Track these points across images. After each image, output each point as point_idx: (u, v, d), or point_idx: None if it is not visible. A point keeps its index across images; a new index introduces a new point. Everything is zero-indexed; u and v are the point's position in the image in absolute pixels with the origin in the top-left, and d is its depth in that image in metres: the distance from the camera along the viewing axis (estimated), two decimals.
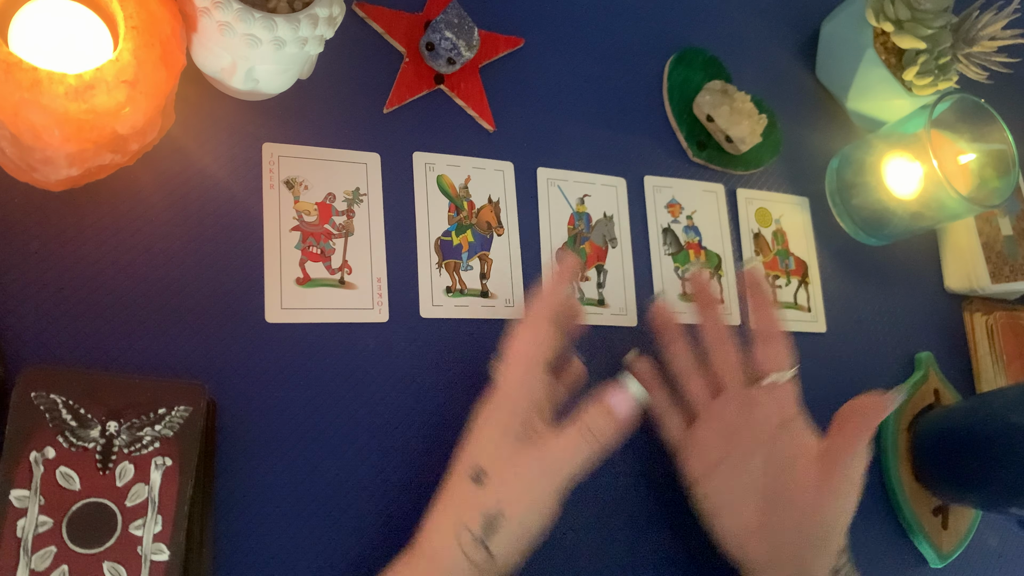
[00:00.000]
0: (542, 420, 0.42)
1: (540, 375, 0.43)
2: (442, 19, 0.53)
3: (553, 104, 0.60)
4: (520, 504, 0.39)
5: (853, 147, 0.68)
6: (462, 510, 0.40)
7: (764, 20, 0.72)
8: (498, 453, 0.41)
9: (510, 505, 0.39)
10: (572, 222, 0.57)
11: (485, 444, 0.42)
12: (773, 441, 0.48)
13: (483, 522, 0.39)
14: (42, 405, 0.37)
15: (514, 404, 0.42)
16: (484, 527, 0.39)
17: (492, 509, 0.39)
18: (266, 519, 0.44)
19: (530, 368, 0.43)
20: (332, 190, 0.50)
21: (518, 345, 0.44)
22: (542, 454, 0.40)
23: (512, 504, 0.39)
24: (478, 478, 0.41)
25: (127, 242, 0.45)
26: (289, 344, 0.47)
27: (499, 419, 0.42)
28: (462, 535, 0.39)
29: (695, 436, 0.50)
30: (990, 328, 0.70)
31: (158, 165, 0.46)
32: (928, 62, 0.65)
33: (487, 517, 0.39)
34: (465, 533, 0.39)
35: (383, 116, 0.53)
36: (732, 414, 0.49)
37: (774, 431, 0.49)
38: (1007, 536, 0.68)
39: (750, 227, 0.64)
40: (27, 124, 0.36)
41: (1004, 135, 0.63)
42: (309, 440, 0.46)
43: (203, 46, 0.44)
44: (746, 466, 0.48)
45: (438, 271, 0.52)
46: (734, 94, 0.62)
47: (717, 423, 0.50)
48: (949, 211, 0.62)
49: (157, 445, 0.38)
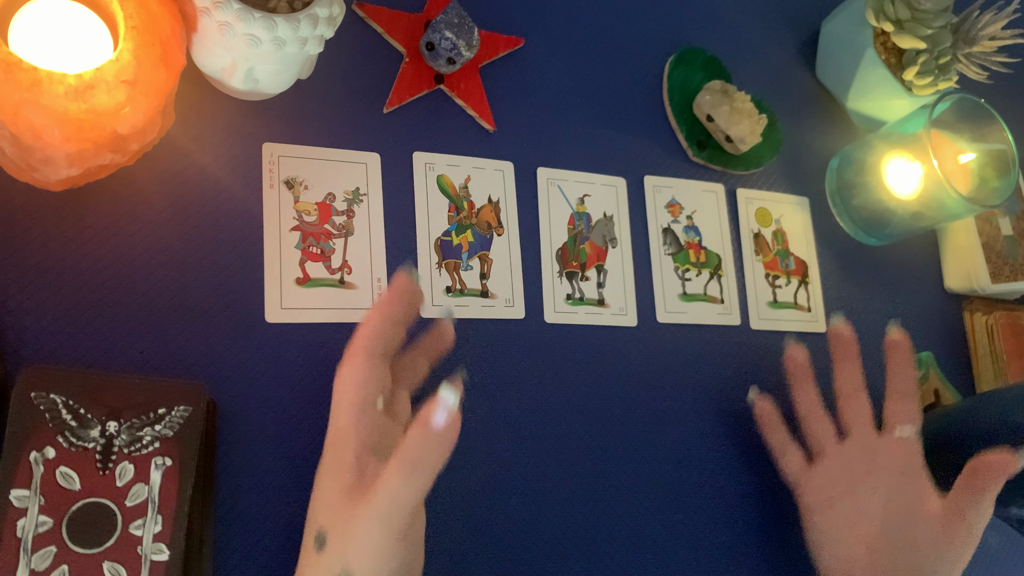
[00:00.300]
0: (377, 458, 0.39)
1: (368, 415, 0.40)
2: (442, 19, 0.53)
3: (553, 104, 0.60)
4: (365, 557, 0.36)
5: (853, 147, 0.68)
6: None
7: (764, 20, 0.72)
8: (333, 511, 0.38)
9: (356, 561, 0.36)
10: (572, 222, 0.57)
11: (321, 505, 0.40)
12: (897, 485, 0.51)
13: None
14: (42, 405, 0.37)
15: (343, 454, 0.39)
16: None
17: (337, 571, 0.37)
18: (266, 519, 0.44)
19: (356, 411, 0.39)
20: (332, 190, 0.50)
21: (340, 387, 0.40)
22: (370, 500, 0.37)
23: (357, 560, 0.37)
24: (320, 543, 0.38)
25: (127, 242, 0.45)
26: (289, 344, 0.47)
27: (331, 474, 0.39)
28: None
29: (818, 469, 0.53)
30: (990, 328, 0.70)
31: (158, 165, 0.46)
32: (928, 62, 0.65)
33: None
34: None
35: (383, 116, 0.53)
36: (858, 455, 0.52)
37: (899, 477, 0.51)
38: (1007, 536, 0.68)
39: (750, 227, 0.64)
40: (27, 124, 0.36)
41: (1004, 135, 0.63)
42: (309, 440, 0.46)
43: (203, 46, 0.44)
44: (867, 502, 0.51)
45: (438, 271, 0.52)
46: (734, 94, 0.62)
47: (842, 461, 0.53)
48: (949, 211, 0.62)
49: (157, 445, 0.38)
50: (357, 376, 0.40)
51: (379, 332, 0.41)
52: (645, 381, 0.56)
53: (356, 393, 0.40)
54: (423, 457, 0.36)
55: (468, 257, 0.53)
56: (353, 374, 0.40)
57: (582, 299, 0.56)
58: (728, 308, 0.61)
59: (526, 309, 0.54)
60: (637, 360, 0.57)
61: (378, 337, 0.41)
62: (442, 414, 0.36)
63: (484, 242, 0.54)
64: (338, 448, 0.39)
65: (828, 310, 0.65)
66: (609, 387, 0.55)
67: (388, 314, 0.41)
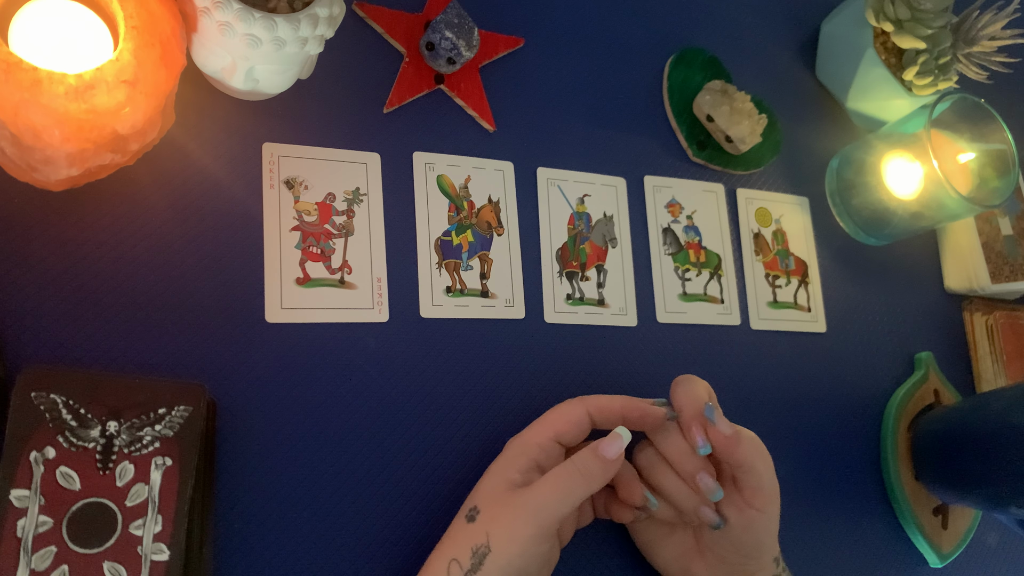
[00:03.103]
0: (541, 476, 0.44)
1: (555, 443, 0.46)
2: (442, 19, 0.53)
3: (553, 104, 0.60)
4: (504, 538, 0.41)
5: (853, 147, 0.68)
6: (454, 545, 0.42)
7: (764, 20, 0.72)
8: (491, 496, 0.44)
9: (496, 539, 0.41)
10: (572, 222, 0.57)
11: (483, 490, 0.45)
12: None
13: (472, 555, 0.41)
14: (42, 405, 0.37)
15: (520, 459, 0.45)
16: (473, 560, 0.41)
17: (480, 542, 0.41)
18: (266, 519, 0.44)
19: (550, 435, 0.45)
20: (332, 190, 0.50)
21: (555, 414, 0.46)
22: (531, 492, 0.42)
23: (498, 538, 0.41)
24: (472, 516, 0.43)
25: (127, 242, 0.45)
26: (289, 344, 0.47)
27: (502, 469, 0.45)
28: (452, 569, 0.41)
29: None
30: (990, 328, 0.70)
31: (158, 165, 0.46)
32: (928, 62, 0.65)
33: (475, 550, 0.41)
34: (455, 567, 0.41)
35: (383, 116, 0.53)
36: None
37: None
38: (1007, 536, 0.68)
39: (750, 227, 0.64)
40: (27, 124, 0.36)
41: (1004, 135, 0.63)
42: (309, 440, 0.46)
43: (203, 46, 0.44)
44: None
45: (438, 271, 0.52)
46: (734, 94, 0.62)
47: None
48: (949, 211, 0.62)
49: (157, 445, 0.38)
50: (572, 417, 0.46)
51: (609, 411, 0.46)
52: (645, 381, 0.56)
53: (561, 424, 0.46)
54: (591, 472, 0.42)
55: (468, 257, 0.53)
56: (569, 414, 0.46)
57: (582, 299, 0.56)
58: (728, 308, 0.61)
59: (526, 309, 0.54)
60: (637, 360, 0.57)
61: (606, 412, 0.46)
62: (616, 447, 0.43)
63: (484, 242, 0.54)
64: (519, 453, 0.45)
65: (828, 310, 0.65)
66: (609, 387, 0.55)
67: (625, 412, 0.46)
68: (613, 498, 0.49)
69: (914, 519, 0.62)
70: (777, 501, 0.47)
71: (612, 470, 0.43)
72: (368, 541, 0.46)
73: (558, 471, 0.42)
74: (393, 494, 0.47)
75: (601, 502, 0.50)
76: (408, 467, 0.48)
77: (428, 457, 0.49)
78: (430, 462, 0.49)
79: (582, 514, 0.49)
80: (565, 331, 0.55)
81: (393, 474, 0.48)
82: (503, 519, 0.41)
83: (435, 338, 0.51)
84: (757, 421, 0.60)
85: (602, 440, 0.43)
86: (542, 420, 0.47)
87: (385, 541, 0.46)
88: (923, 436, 0.63)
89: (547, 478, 0.42)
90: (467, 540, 0.42)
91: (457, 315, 0.52)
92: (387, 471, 0.47)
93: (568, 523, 0.48)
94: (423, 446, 0.49)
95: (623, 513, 0.49)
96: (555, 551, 0.46)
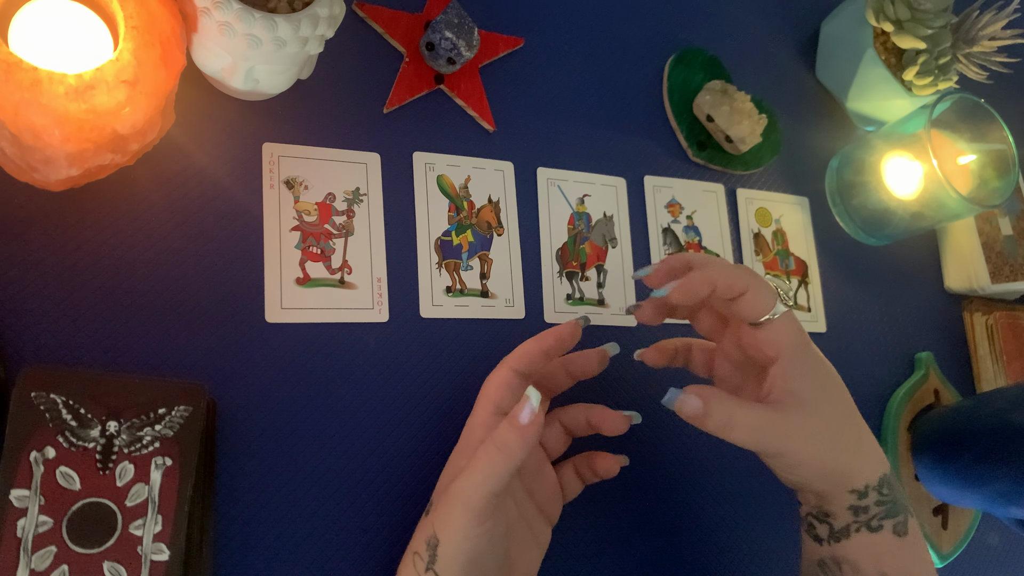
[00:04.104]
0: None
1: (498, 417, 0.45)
2: (442, 19, 0.53)
3: (553, 104, 0.60)
4: (445, 526, 0.41)
5: (853, 147, 0.68)
6: (416, 539, 0.43)
7: (764, 20, 0.72)
8: (441, 486, 0.45)
9: (440, 528, 0.41)
10: (572, 222, 0.57)
11: (440, 481, 0.45)
12: None
13: (427, 548, 0.41)
14: (42, 405, 0.37)
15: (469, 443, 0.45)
16: (428, 552, 0.41)
17: (430, 534, 0.41)
18: (266, 519, 0.44)
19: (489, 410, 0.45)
20: (332, 190, 0.50)
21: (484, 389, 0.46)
22: (460, 477, 0.41)
23: (441, 527, 0.41)
24: (428, 510, 0.44)
25: (127, 242, 0.45)
26: (289, 344, 0.47)
27: (454, 458, 0.45)
28: (417, 563, 0.42)
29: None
30: (990, 328, 0.70)
31: (158, 165, 0.46)
32: (928, 62, 0.65)
33: (428, 542, 0.41)
34: (418, 560, 0.42)
35: (383, 116, 0.53)
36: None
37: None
38: (1007, 536, 0.68)
39: (750, 227, 0.64)
40: (27, 124, 0.36)
41: (1004, 135, 0.63)
42: (309, 440, 0.46)
43: (203, 46, 0.44)
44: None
45: (438, 271, 0.52)
46: (734, 94, 0.62)
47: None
48: (949, 211, 0.62)
49: (157, 445, 0.38)
50: (499, 382, 0.45)
51: (530, 356, 0.46)
52: (645, 380, 0.56)
53: (494, 395, 0.45)
54: (508, 444, 0.40)
55: (468, 257, 0.53)
56: (496, 380, 0.45)
57: (582, 299, 0.56)
58: None
59: (526, 309, 0.54)
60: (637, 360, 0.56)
61: (527, 359, 0.46)
62: (527, 411, 0.41)
63: (484, 242, 0.54)
64: (467, 438, 0.45)
65: (828, 310, 0.65)
66: (609, 386, 0.55)
67: (543, 346, 0.46)
68: (590, 459, 0.49)
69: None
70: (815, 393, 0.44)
71: (530, 435, 0.40)
72: (368, 541, 0.46)
73: (479, 450, 0.41)
74: (393, 494, 0.47)
75: (584, 468, 0.49)
76: (408, 467, 0.48)
77: (428, 457, 0.49)
78: (430, 462, 0.49)
79: (566, 488, 0.49)
80: None
81: (393, 474, 0.48)
82: (442, 508, 0.42)
83: (435, 338, 0.51)
84: None
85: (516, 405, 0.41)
86: (478, 398, 0.46)
87: (385, 541, 0.46)
88: (923, 436, 0.63)
89: (471, 462, 0.41)
90: (422, 533, 0.42)
91: (457, 315, 0.52)
92: (387, 471, 0.47)
93: (548, 500, 0.48)
94: (423, 446, 0.49)
95: (608, 466, 0.48)
96: (525, 531, 0.46)
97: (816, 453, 0.44)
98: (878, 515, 0.44)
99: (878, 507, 0.45)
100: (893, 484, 0.45)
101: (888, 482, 0.45)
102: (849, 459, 0.44)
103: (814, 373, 0.45)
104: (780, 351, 0.44)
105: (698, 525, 0.56)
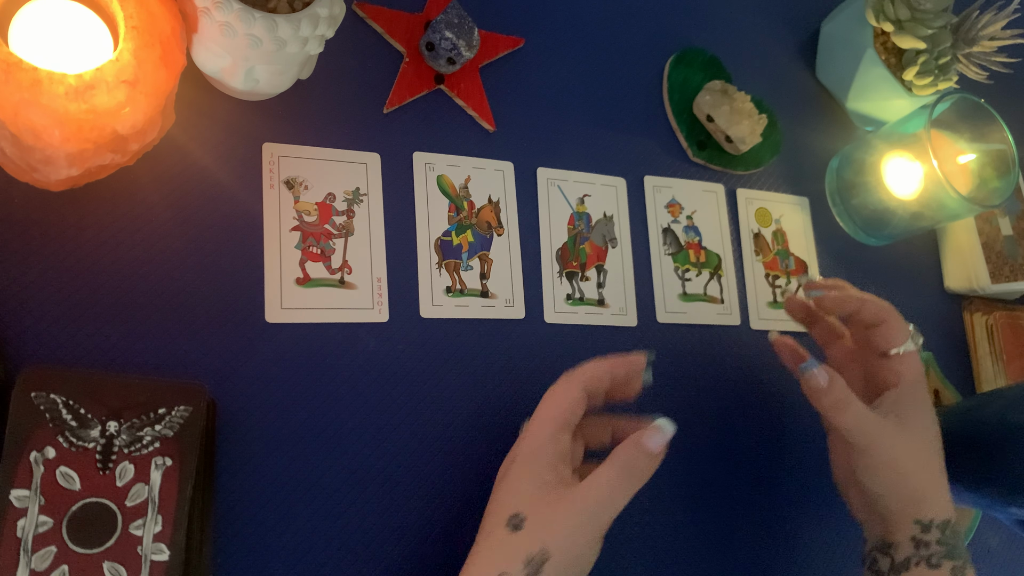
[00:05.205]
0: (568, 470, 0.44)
1: (567, 432, 0.44)
2: (442, 19, 0.53)
3: (553, 104, 0.60)
4: (565, 544, 0.40)
5: (853, 147, 0.68)
6: (500, 558, 0.41)
7: (764, 20, 0.72)
8: (531, 500, 0.42)
9: (555, 546, 0.40)
10: (572, 222, 0.57)
11: (518, 492, 0.43)
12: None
13: (526, 566, 0.40)
14: (42, 405, 0.37)
15: (542, 456, 0.43)
16: (528, 570, 0.40)
17: (535, 552, 0.40)
18: (266, 519, 0.44)
19: (558, 425, 0.44)
20: (332, 190, 0.50)
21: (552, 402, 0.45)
22: (583, 495, 0.41)
23: (557, 545, 0.40)
24: (517, 525, 0.41)
25: (127, 242, 0.45)
26: (289, 344, 0.47)
27: (529, 470, 0.43)
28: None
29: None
30: (990, 328, 0.70)
31: (158, 165, 0.46)
32: (928, 62, 0.65)
33: (530, 560, 0.40)
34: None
35: (383, 116, 0.53)
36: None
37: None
38: (1007, 536, 0.68)
39: (750, 227, 0.64)
40: (27, 124, 0.36)
41: (1004, 135, 0.63)
42: (309, 440, 0.46)
43: (203, 46, 0.44)
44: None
45: (438, 271, 0.52)
46: (734, 94, 0.62)
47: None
48: (949, 211, 0.62)
49: (157, 445, 0.38)
50: (570, 398, 0.45)
51: (599, 376, 0.46)
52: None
53: (562, 411, 0.44)
54: (638, 469, 0.42)
55: (468, 257, 0.53)
56: (567, 395, 0.45)
57: (582, 299, 0.56)
58: (728, 308, 0.61)
59: (526, 309, 0.54)
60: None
61: (596, 380, 0.46)
62: (660, 439, 0.43)
63: (484, 242, 0.54)
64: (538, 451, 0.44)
65: None
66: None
67: (611, 370, 0.46)
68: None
69: None
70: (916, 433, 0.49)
71: (658, 462, 0.43)
72: (368, 541, 0.46)
73: (607, 471, 0.42)
74: (393, 494, 0.47)
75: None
76: (408, 467, 0.48)
77: (428, 457, 0.49)
78: (430, 462, 0.49)
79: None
80: (565, 331, 0.55)
81: (393, 474, 0.48)
82: (559, 525, 0.41)
83: (435, 338, 0.51)
84: (757, 421, 0.60)
85: (643, 433, 0.43)
86: (544, 413, 0.45)
87: (385, 541, 0.46)
88: None
89: (597, 480, 0.42)
90: (517, 551, 0.40)
91: (457, 315, 0.52)
92: (387, 471, 0.47)
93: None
94: (423, 446, 0.49)
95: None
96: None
97: (901, 464, 0.48)
98: (938, 553, 0.47)
99: (939, 546, 0.47)
100: (957, 532, 0.48)
101: (953, 528, 0.48)
102: (926, 486, 0.48)
103: (920, 408, 0.50)
104: (900, 381, 0.50)
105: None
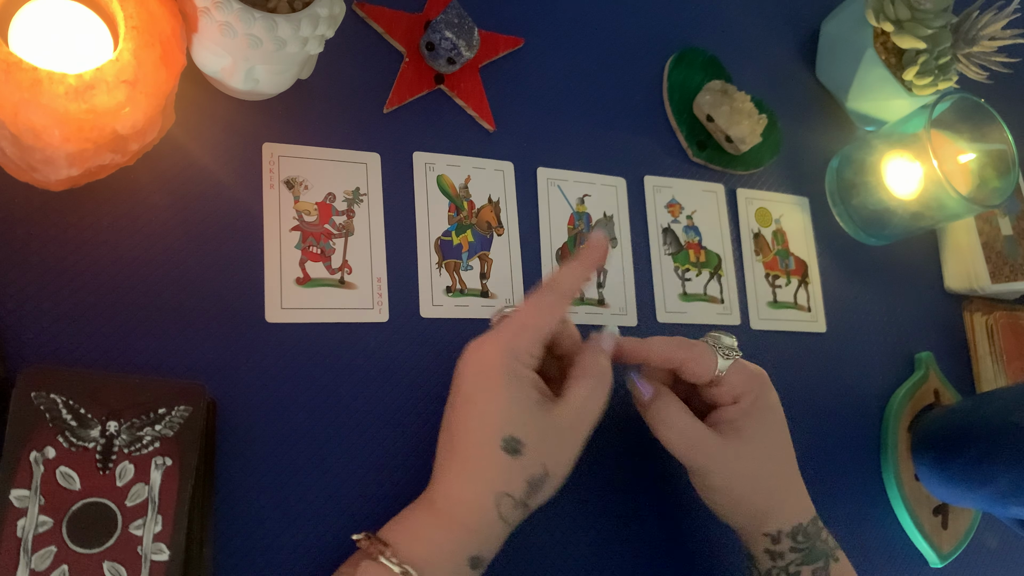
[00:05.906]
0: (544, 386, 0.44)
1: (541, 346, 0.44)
2: (442, 19, 0.53)
3: (553, 104, 0.60)
4: (560, 460, 0.42)
5: (853, 147, 0.68)
6: (500, 481, 0.41)
7: (764, 20, 0.72)
8: (523, 422, 0.41)
9: (553, 464, 0.42)
10: (572, 222, 0.57)
11: (510, 416, 0.42)
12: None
13: (527, 486, 0.41)
14: (42, 405, 0.37)
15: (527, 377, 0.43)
16: (528, 491, 0.41)
17: (537, 473, 0.41)
18: (266, 519, 0.44)
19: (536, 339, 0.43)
20: (332, 190, 0.50)
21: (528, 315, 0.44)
22: (568, 410, 0.43)
23: (554, 463, 0.42)
24: (514, 449, 0.41)
25: (127, 242, 0.45)
26: (289, 344, 0.47)
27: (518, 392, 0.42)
28: (503, 502, 0.41)
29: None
30: (990, 328, 0.70)
31: (158, 165, 0.46)
32: (928, 62, 0.65)
33: (532, 481, 0.41)
34: (506, 500, 0.41)
35: (383, 116, 0.53)
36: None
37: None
38: (1007, 536, 0.68)
39: (750, 227, 0.64)
40: (27, 124, 0.36)
41: (1004, 135, 0.63)
42: (309, 440, 0.46)
43: (203, 46, 0.44)
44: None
45: (438, 271, 0.52)
46: (734, 94, 0.62)
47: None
48: (949, 211, 0.62)
49: (157, 445, 0.38)
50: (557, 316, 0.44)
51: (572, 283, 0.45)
52: None
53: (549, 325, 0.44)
54: (606, 373, 0.44)
55: (468, 257, 0.53)
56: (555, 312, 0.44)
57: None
58: (728, 308, 0.61)
59: None
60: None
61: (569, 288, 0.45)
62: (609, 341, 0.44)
63: (484, 242, 0.54)
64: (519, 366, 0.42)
65: (828, 310, 0.65)
66: None
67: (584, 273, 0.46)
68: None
69: (914, 519, 0.62)
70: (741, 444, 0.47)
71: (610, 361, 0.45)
72: None
73: (583, 384, 0.43)
74: (393, 494, 0.47)
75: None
76: (408, 467, 0.48)
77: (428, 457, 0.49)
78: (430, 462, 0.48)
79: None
80: None
81: (393, 474, 0.48)
82: (554, 444, 0.42)
83: (435, 338, 0.51)
84: None
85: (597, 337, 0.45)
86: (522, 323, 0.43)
87: None
88: (923, 436, 0.63)
89: (577, 394, 0.43)
90: (517, 473, 0.41)
91: (457, 315, 0.52)
92: (387, 471, 0.47)
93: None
94: (423, 446, 0.49)
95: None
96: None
97: (734, 484, 0.47)
98: (794, 561, 0.47)
99: (793, 553, 0.47)
100: (811, 533, 0.48)
101: (804, 531, 0.47)
102: (764, 501, 0.47)
103: (760, 415, 0.48)
104: (736, 397, 0.48)
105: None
